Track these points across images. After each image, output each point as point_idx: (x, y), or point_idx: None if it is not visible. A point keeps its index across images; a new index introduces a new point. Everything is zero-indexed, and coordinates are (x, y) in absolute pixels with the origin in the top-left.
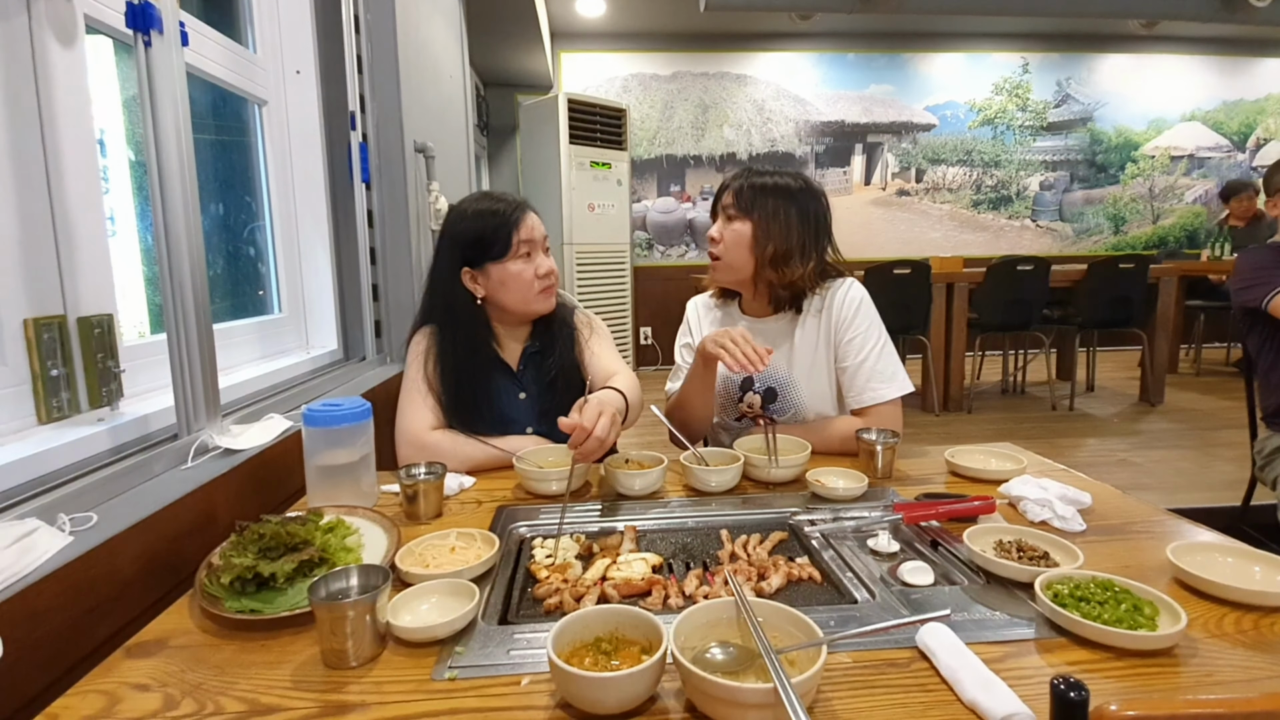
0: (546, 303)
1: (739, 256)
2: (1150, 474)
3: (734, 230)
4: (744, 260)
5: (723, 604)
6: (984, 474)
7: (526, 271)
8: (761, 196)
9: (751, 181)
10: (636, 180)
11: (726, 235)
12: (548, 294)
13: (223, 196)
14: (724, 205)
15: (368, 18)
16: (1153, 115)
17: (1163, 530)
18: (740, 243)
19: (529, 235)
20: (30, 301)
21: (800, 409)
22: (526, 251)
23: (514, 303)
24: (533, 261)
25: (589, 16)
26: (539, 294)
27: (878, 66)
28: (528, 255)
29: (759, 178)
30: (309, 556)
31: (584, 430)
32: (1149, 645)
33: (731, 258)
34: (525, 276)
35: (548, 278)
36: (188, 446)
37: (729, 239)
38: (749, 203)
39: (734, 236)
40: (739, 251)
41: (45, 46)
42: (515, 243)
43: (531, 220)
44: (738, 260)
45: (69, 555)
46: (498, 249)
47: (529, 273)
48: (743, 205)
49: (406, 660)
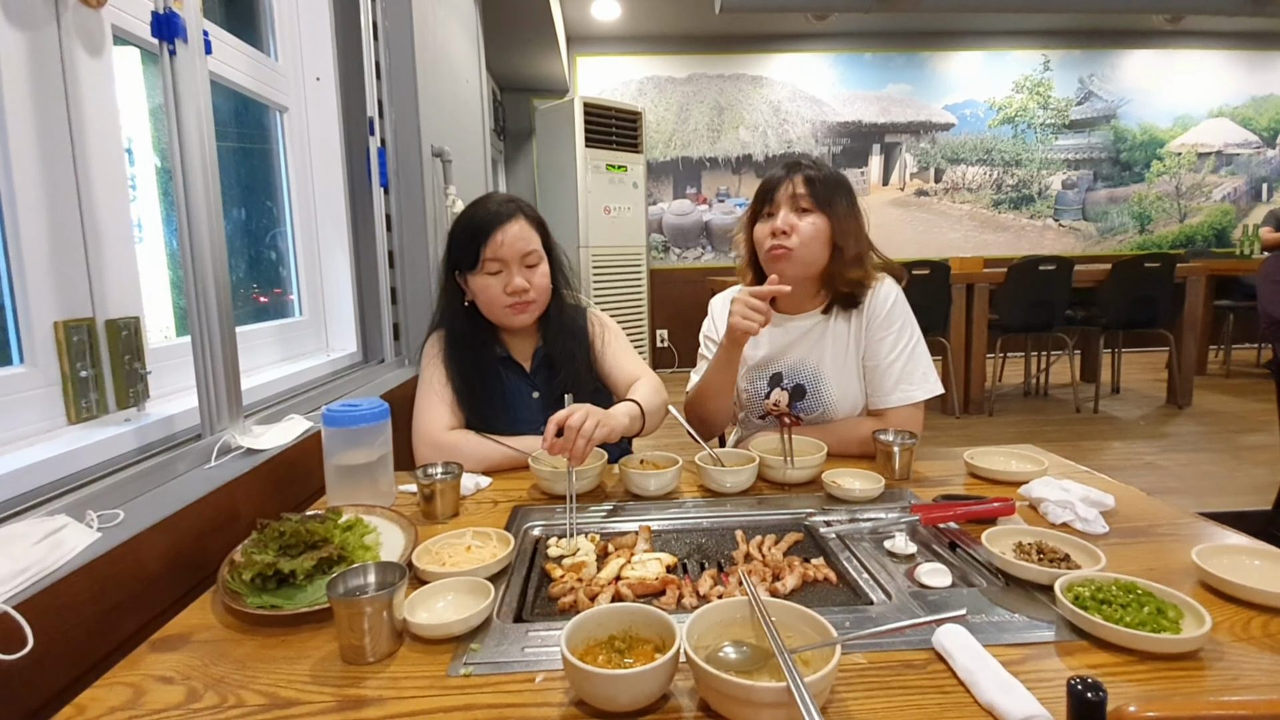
0: (517, 319)
1: (815, 251)
2: (1177, 478)
3: (811, 223)
4: (819, 255)
5: (737, 603)
6: (1004, 476)
7: (493, 287)
8: (835, 191)
9: (823, 174)
10: (652, 182)
11: (803, 227)
12: (517, 310)
13: (245, 201)
14: (796, 195)
15: (386, 25)
16: (1179, 112)
17: (1189, 533)
18: (819, 236)
19: (496, 254)
20: (60, 304)
21: (830, 407)
22: (496, 269)
23: (488, 314)
24: (501, 278)
25: (604, 20)
26: (506, 309)
27: (895, 66)
28: (496, 272)
29: (825, 169)
30: (328, 554)
31: (554, 425)
32: (1172, 649)
33: (807, 252)
34: (491, 292)
35: (517, 295)
36: (211, 446)
37: (806, 231)
38: (825, 197)
39: (812, 230)
40: (816, 245)
41: (74, 57)
42: (482, 259)
43: (505, 236)
44: (813, 255)
45: (97, 551)
46: (468, 261)
47: (495, 288)
48: (819, 198)
49: (422, 657)
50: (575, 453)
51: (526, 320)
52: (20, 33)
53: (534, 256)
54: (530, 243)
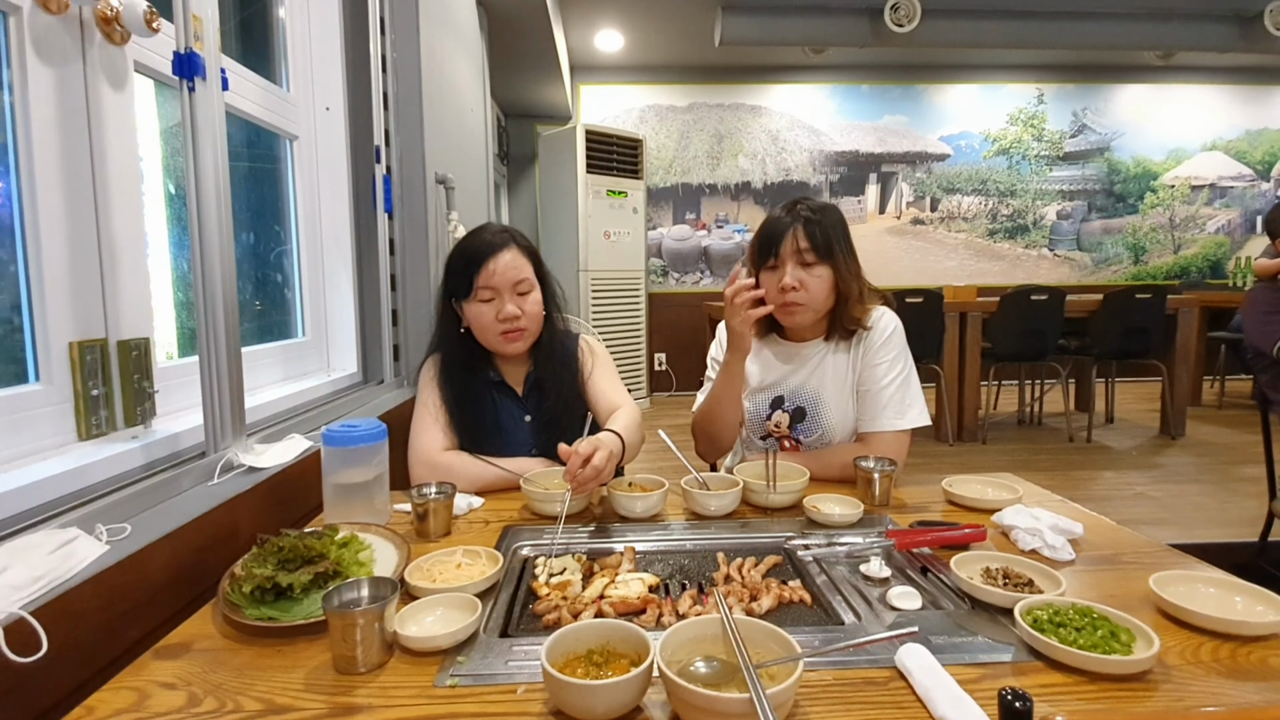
0: (510, 346)
1: (822, 300)
2: (1168, 508)
3: (817, 276)
4: (827, 302)
5: (709, 620)
6: (980, 503)
7: (486, 314)
8: (835, 236)
9: (820, 220)
10: (652, 208)
11: (810, 283)
12: (510, 338)
13: (254, 225)
14: (800, 250)
15: (394, 57)
16: (1172, 145)
17: (1153, 561)
18: (825, 288)
19: (488, 282)
20: (76, 325)
21: (829, 430)
22: (489, 297)
23: (482, 340)
24: (492, 305)
25: (607, 51)
26: (500, 336)
27: (891, 98)
28: (489, 299)
29: (820, 212)
30: (324, 569)
31: (580, 458)
32: (1121, 669)
33: (818, 304)
34: (484, 320)
35: (508, 322)
36: (214, 464)
37: (814, 286)
38: (827, 246)
39: (819, 283)
40: (823, 296)
41: (98, 91)
42: (475, 287)
43: (498, 265)
44: (821, 303)
45: (105, 563)
46: (463, 289)
47: (488, 316)
48: (820, 249)
49: (411, 668)
50: (585, 488)
51: (520, 348)
52: (50, 69)
53: (525, 285)
54: (522, 271)
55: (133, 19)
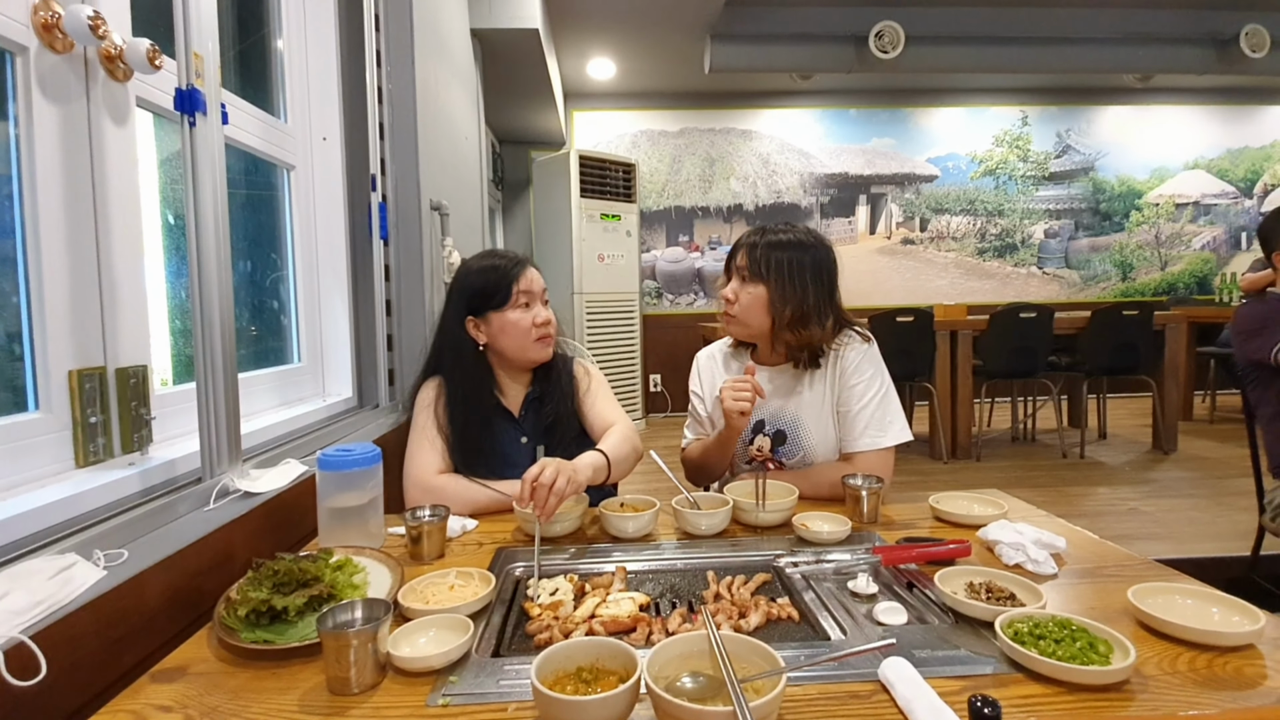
0: (543, 351)
1: (754, 317)
2: (1160, 523)
3: (749, 293)
4: (760, 320)
5: (696, 636)
6: (966, 519)
7: (524, 320)
8: (777, 259)
9: (767, 241)
10: (645, 231)
11: (742, 297)
12: (544, 342)
13: (251, 253)
14: (738, 266)
15: (390, 88)
16: (1155, 164)
17: (1134, 574)
18: (756, 305)
19: (528, 287)
20: (75, 354)
21: (810, 451)
22: (525, 302)
23: (513, 349)
24: (530, 311)
25: (600, 79)
26: (535, 341)
27: (879, 121)
28: (526, 305)
29: (774, 236)
30: (318, 592)
31: (527, 485)
32: (1098, 680)
33: (747, 318)
34: (523, 324)
35: (544, 327)
36: (210, 489)
37: (744, 300)
38: (764, 266)
39: (749, 299)
40: (754, 313)
41: (101, 126)
42: (515, 293)
43: (530, 274)
44: (753, 320)
45: (103, 588)
46: (499, 298)
47: (526, 321)
48: (757, 268)
49: (404, 688)
50: (546, 510)
51: (547, 353)
52: (55, 106)
53: (547, 295)
54: (543, 283)
55: (136, 57)
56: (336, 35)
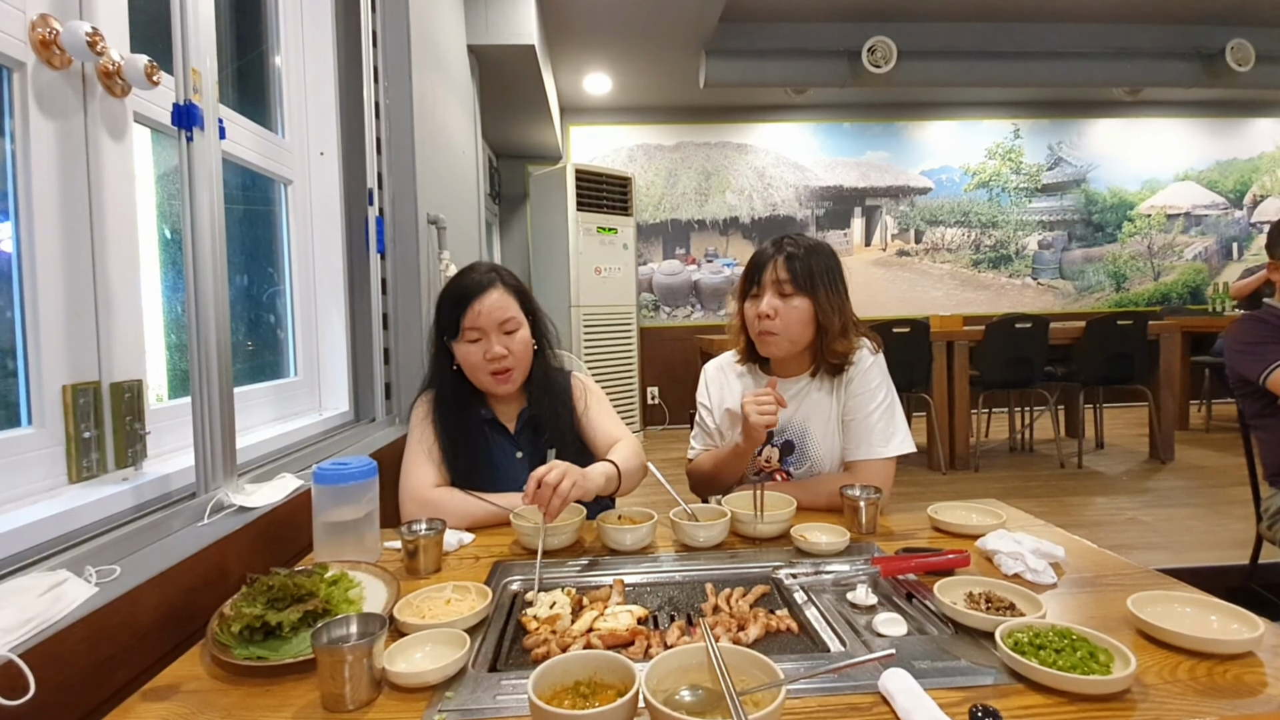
0: (498, 385)
1: (799, 331)
2: (1159, 533)
3: (794, 306)
4: (805, 333)
5: (695, 649)
6: (964, 529)
7: (474, 355)
8: (818, 268)
9: (806, 249)
10: (642, 244)
11: (785, 312)
12: (499, 378)
13: (248, 268)
14: (776, 280)
15: (387, 103)
16: (1146, 176)
17: (1133, 583)
18: (801, 318)
19: (474, 323)
20: (70, 369)
21: (817, 462)
22: (475, 337)
23: (472, 379)
24: (480, 346)
25: (596, 94)
26: (488, 376)
27: (873, 134)
28: (475, 340)
29: (808, 244)
30: (313, 607)
31: (534, 481)
32: (1099, 689)
33: (791, 332)
34: (473, 359)
35: (496, 362)
36: (205, 504)
37: (788, 315)
38: (808, 279)
39: (794, 313)
40: (799, 327)
41: (98, 141)
42: (462, 328)
43: (484, 305)
44: (798, 334)
45: (94, 605)
46: (451, 330)
47: (476, 356)
48: (801, 282)
49: (400, 704)
50: (550, 509)
51: (509, 388)
52: (52, 121)
53: (512, 323)
54: (508, 310)
55: (134, 73)
56: (334, 51)
